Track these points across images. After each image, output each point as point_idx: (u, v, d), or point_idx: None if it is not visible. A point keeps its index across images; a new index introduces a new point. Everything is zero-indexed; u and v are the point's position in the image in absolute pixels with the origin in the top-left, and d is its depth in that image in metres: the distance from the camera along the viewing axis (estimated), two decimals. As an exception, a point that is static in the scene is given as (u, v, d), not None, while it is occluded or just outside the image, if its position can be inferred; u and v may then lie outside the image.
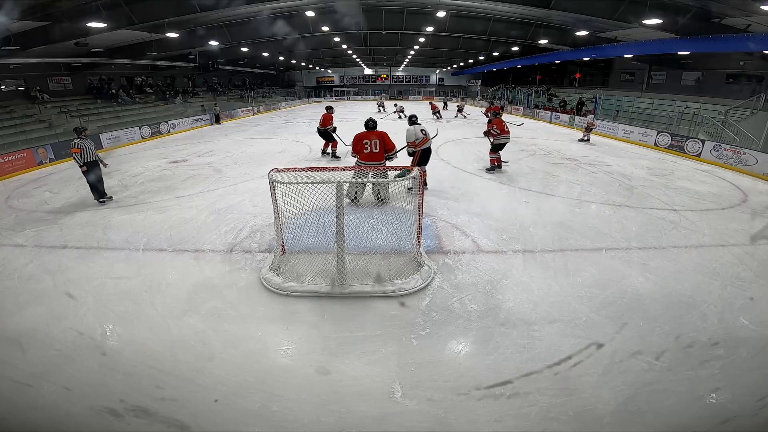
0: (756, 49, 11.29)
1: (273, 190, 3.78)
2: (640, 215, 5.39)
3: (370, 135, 5.34)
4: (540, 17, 15.78)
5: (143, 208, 5.86)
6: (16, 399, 2.37)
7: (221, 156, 10.26)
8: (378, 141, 5.31)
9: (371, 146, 5.29)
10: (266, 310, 3.23)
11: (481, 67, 32.02)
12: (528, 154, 10.00)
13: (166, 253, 4.34)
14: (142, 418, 2.22)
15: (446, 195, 6.12)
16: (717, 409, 2.24)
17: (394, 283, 3.46)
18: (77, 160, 5.90)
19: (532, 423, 2.16)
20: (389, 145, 5.39)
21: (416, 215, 3.92)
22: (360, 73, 40.73)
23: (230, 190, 6.83)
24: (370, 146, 5.29)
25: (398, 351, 2.72)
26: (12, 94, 14.48)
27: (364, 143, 5.31)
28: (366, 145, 5.30)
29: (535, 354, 2.67)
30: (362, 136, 5.35)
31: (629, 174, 7.90)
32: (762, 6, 8.86)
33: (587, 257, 4.12)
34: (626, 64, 19.96)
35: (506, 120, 8.10)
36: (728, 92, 14.27)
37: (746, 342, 2.78)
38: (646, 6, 11.07)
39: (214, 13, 13.30)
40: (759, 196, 6.59)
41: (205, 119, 18.57)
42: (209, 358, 2.66)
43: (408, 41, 24.69)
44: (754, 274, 3.75)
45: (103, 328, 3.01)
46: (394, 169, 4.49)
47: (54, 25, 10.78)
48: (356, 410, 2.24)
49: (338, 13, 16.59)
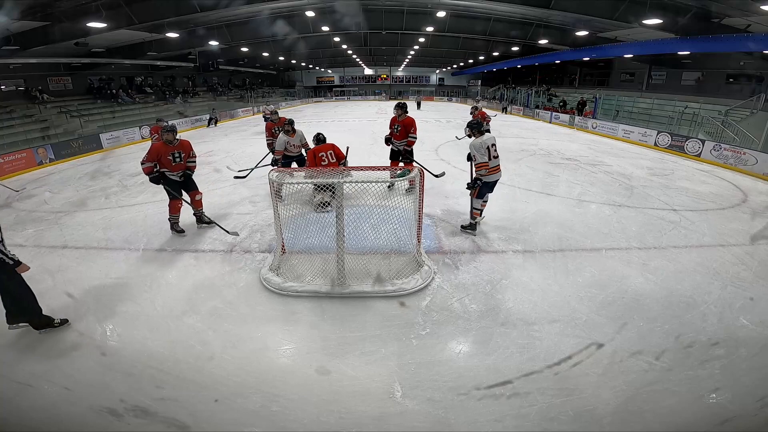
0: (756, 49, 11.29)
1: (273, 190, 3.79)
2: (640, 215, 5.39)
3: (324, 148, 5.43)
4: (540, 17, 15.78)
5: (143, 208, 5.86)
6: (16, 399, 2.37)
7: (221, 156, 10.26)
8: (332, 152, 5.41)
9: (327, 157, 5.38)
10: (266, 310, 3.23)
11: (481, 67, 32.01)
12: (528, 154, 10.00)
13: (166, 253, 4.34)
14: (142, 418, 2.22)
15: (446, 195, 6.12)
16: (717, 409, 2.24)
17: (394, 283, 3.47)
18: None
19: (532, 423, 2.16)
20: (341, 155, 5.50)
21: (416, 215, 3.92)
22: (360, 73, 40.71)
23: (230, 190, 6.83)
24: (327, 158, 5.38)
25: (398, 351, 2.72)
26: (12, 94, 14.48)
27: (320, 156, 5.36)
28: (323, 157, 5.37)
29: (535, 354, 2.67)
30: (317, 150, 5.40)
31: (629, 174, 7.90)
32: (762, 6, 8.85)
33: (587, 257, 4.12)
34: (626, 64, 19.97)
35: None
36: (728, 92, 14.28)
37: (746, 342, 2.78)
38: (646, 6, 11.07)
39: (214, 13, 13.29)
40: (759, 196, 6.59)
41: (205, 119, 18.56)
42: (209, 358, 2.66)
43: (408, 41, 24.69)
44: (754, 274, 3.75)
45: (103, 328, 3.02)
46: (394, 169, 4.50)
47: (54, 25, 10.78)
48: (356, 410, 2.24)
49: (338, 13, 16.58)
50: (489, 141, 4.38)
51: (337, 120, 19.21)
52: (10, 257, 2.71)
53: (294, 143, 5.97)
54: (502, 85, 31.26)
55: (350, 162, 5.87)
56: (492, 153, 4.38)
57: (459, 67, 35.99)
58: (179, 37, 14.98)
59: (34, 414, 2.27)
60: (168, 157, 4.54)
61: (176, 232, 4.80)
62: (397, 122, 5.89)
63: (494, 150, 4.41)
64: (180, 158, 4.61)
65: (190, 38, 16.38)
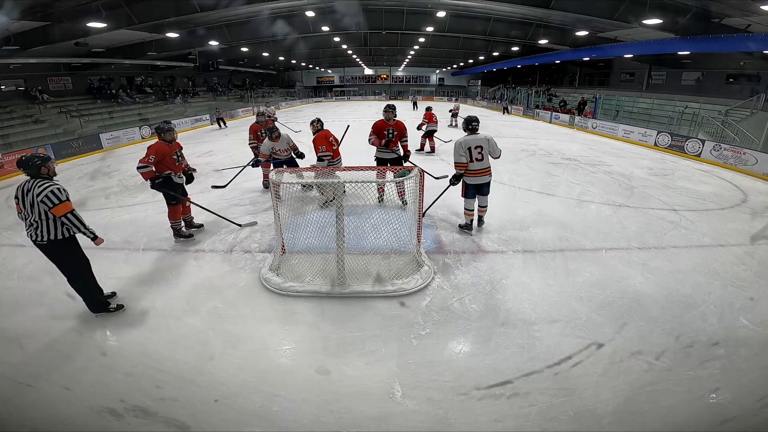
0: (756, 49, 11.30)
1: (273, 190, 3.79)
2: (640, 215, 5.39)
3: (328, 132, 5.33)
4: (540, 17, 15.79)
5: (143, 208, 5.86)
6: (16, 399, 2.37)
7: (221, 156, 10.26)
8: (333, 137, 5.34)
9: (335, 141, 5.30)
10: (266, 310, 3.23)
11: (481, 67, 32.04)
12: (528, 154, 10.00)
13: (166, 253, 4.34)
14: (142, 418, 2.22)
15: (446, 195, 6.11)
16: (717, 409, 2.24)
17: (394, 283, 3.47)
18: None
19: (532, 423, 2.16)
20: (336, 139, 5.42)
21: (416, 215, 3.92)
22: (360, 73, 40.73)
23: (230, 190, 6.82)
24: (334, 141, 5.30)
25: (398, 351, 2.72)
26: (12, 94, 14.50)
27: (330, 140, 5.24)
28: (332, 142, 5.26)
29: (535, 354, 2.66)
30: (327, 134, 5.27)
31: (629, 174, 7.90)
32: (762, 6, 8.86)
33: (587, 257, 4.12)
34: (626, 64, 19.98)
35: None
36: (728, 92, 14.29)
37: (746, 342, 2.78)
38: (646, 6, 11.07)
39: (214, 13, 13.30)
40: (759, 196, 6.59)
41: (205, 119, 18.56)
42: (209, 358, 2.66)
43: (408, 41, 24.72)
44: (754, 274, 3.75)
45: (103, 328, 3.02)
46: (394, 170, 4.48)
47: (54, 25, 10.79)
48: (356, 410, 2.24)
49: (338, 13, 16.61)
50: (472, 143, 4.25)
51: (337, 120, 19.20)
52: (90, 231, 2.94)
53: (280, 148, 5.81)
54: (502, 85, 31.27)
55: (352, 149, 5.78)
56: (474, 155, 4.23)
57: (459, 67, 36.01)
58: (179, 37, 15.00)
59: (34, 414, 2.27)
60: (173, 156, 4.33)
61: (184, 238, 4.57)
62: (389, 126, 5.17)
63: (477, 153, 4.23)
64: (180, 158, 4.54)
65: (190, 38, 16.40)
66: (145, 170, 4.18)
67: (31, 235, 2.83)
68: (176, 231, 4.61)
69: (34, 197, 2.74)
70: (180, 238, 4.59)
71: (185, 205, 4.66)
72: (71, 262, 2.99)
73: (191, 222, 4.85)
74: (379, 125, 5.18)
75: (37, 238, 2.82)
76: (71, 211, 2.83)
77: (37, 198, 2.73)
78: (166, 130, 4.33)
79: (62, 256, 2.95)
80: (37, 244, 2.87)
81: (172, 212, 4.48)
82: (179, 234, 4.60)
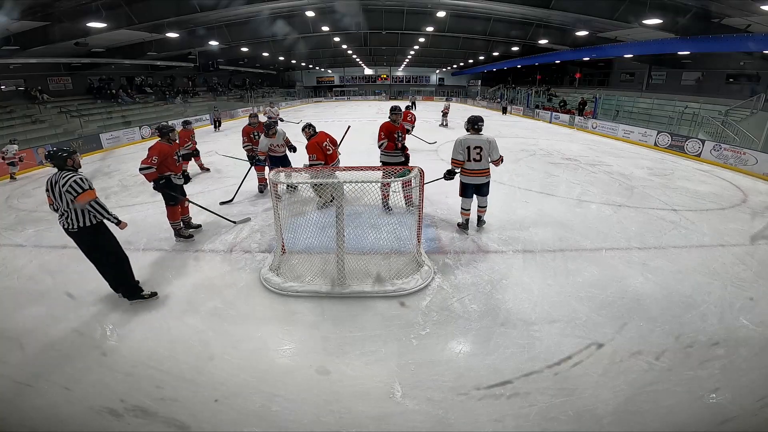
0: (756, 49, 11.30)
1: (273, 190, 3.79)
2: (640, 215, 5.39)
3: (321, 137, 5.23)
4: (540, 17, 15.80)
5: (143, 208, 5.86)
6: (16, 399, 2.37)
7: (220, 157, 10.26)
8: (328, 141, 5.31)
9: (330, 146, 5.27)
10: (266, 310, 3.23)
11: (481, 67, 32.05)
12: (528, 154, 10.00)
13: (166, 253, 4.34)
14: (142, 418, 2.22)
15: (446, 195, 6.12)
16: (717, 409, 2.24)
17: (394, 283, 3.46)
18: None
19: (532, 423, 2.16)
20: (334, 141, 5.41)
21: (416, 215, 3.92)
22: (360, 73, 40.73)
23: (230, 189, 6.82)
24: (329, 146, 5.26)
25: (398, 351, 2.72)
26: (12, 94, 14.51)
27: (325, 146, 5.16)
28: (327, 147, 5.20)
29: (535, 354, 2.66)
30: (319, 141, 5.16)
31: (629, 174, 7.90)
32: (762, 6, 8.87)
33: (587, 257, 4.12)
34: (626, 64, 19.99)
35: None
36: (728, 92, 14.30)
37: (746, 342, 2.78)
38: (646, 6, 11.08)
39: (214, 13, 13.31)
40: (759, 196, 6.59)
41: (205, 119, 18.55)
42: (209, 358, 2.66)
43: (408, 41, 24.73)
44: (754, 274, 3.75)
45: (103, 328, 3.02)
46: (394, 169, 4.48)
47: (54, 25, 10.80)
48: (356, 410, 2.24)
49: (338, 13, 16.61)
50: (473, 143, 4.26)
51: (338, 120, 19.20)
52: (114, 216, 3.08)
53: (277, 143, 5.85)
54: (502, 85, 31.28)
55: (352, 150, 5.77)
56: (473, 155, 4.25)
57: (459, 67, 36.02)
58: (179, 37, 15.00)
59: (34, 414, 2.27)
60: (174, 157, 4.35)
61: (185, 238, 4.57)
62: (397, 129, 5.08)
63: (476, 153, 4.24)
64: (179, 158, 4.55)
65: (190, 38, 16.40)
66: (149, 171, 4.18)
67: (63, 224, 3.01)
68: (176, 231, 4.64)
69: (60, 188, 2.91)
70: (180, 239, 4.61)
71: (184, 206, 4.68)
72: (101, 248, 3.12)
73: (189, 223, 4.86)
74: (390, 128, 5.07)
75: (69, 226, 2.99)
76: (94, 198, 2.98)
77: (63, 188, 2.89)
78: (168, 130, 4.37)
79: (92, 243, 3.08)
80: (69, 233, 3.03)
81: (171, 213, 4.51)
82: (179, 234, 4.63)
